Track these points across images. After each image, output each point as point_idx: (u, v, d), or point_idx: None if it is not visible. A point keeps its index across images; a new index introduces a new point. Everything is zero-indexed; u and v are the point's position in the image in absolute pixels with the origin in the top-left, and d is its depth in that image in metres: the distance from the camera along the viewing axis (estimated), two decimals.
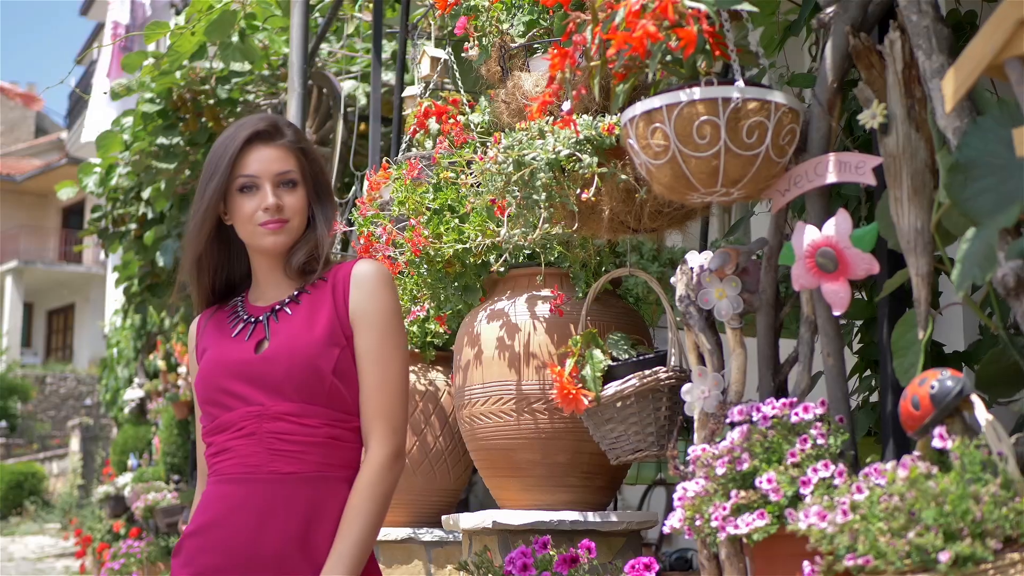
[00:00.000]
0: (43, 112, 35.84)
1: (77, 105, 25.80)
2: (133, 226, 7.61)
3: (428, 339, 3.88)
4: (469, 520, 2.98)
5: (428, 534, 3.80)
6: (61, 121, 33.15)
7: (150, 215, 7.42)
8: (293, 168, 2.17)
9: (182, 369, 10.47)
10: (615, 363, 2.61)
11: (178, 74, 5.93)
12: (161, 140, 6.35)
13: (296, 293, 2.19)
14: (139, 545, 9.17)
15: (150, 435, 11.84)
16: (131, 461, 11.38)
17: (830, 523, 1.75)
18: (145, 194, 7.03)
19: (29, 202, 30.96)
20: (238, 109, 6.32)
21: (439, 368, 3.91)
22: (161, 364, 11.04)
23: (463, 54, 3.13)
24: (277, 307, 2.18)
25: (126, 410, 12.20)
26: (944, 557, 1.62)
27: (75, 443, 19.26)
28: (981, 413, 1.77)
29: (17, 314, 28.56)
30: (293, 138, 2.18)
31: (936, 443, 1.72)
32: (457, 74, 3.80)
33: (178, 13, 12.46)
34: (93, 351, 26.66)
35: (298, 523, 2.05)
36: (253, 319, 2.18)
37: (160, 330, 10.83)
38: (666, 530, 2.11)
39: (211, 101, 6.21)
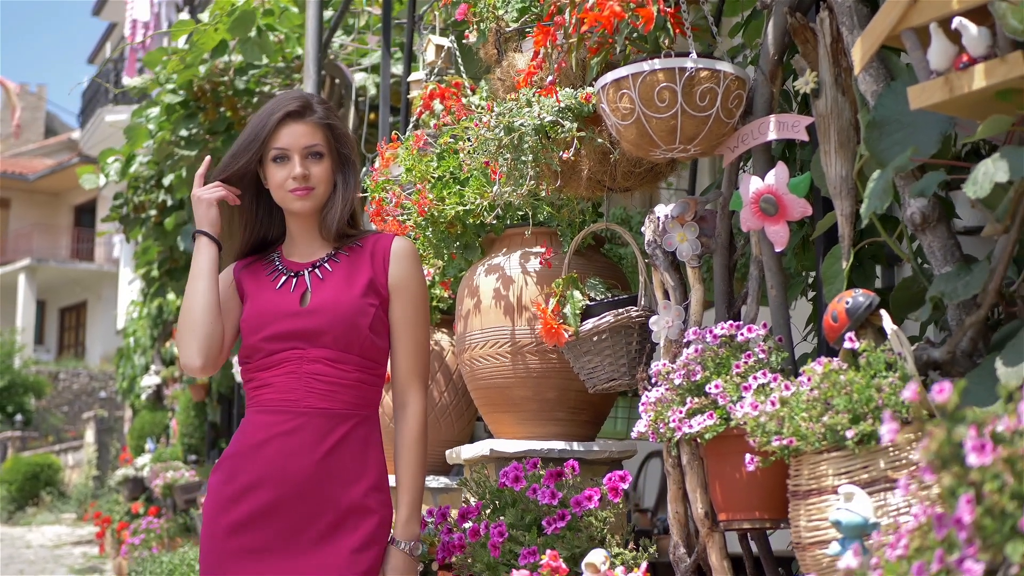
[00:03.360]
0: (52, 112, 36.32)
1: (90, 104, 26.18)
2: (153, 213, 8.01)
3: (434, 303, 4.25)
4: (470, 450, 3.36)
5: (434, 481, 4.16)
6: (72, 121, 33.58)
7: (170, 202, 7.82)
8: (320, 142, 2.51)
9: None
10: (592, 303, 3.00)
11: (202, 69, 6.33)
12: (182, 130, 6.75)
13: (333, 252, 2.55)
14: (158, 522, 9.52)
15: (166, 420, 12.22)
16: (148, 444, 11.77)
17: (761, 412, 2.13)
18: (166, 181, 7.42)
19: (41, 201, 31.39)
20: (255, 100, 6.71)
21: (444, 330, 4.27)
22: (177, 351, 11.42)
23: (464, 40, 3.51)
24: (317, 263, 2.53)
25: (143, 396, 12.60)
26: (850, 434, 1.99)
27: (90, 435, 19.56)
28: (888, 324, 2.14)
29: (30, 311, 28.91)
30: (322, 115, 2.52)
31: (847, 344, 2.10)
32: (460, 60, 4.18)
33: (190, 12, 12.84)
34: (105, 348, 27.01)
35: (324, 451, 2.43)
36: (294, 272, 2.53)
37: (176, 318, 11.21)
38: (634, 435, 2.49)
39: (230, 92, 6.61)
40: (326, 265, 2.53)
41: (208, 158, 2.51)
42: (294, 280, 2.52)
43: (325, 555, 2.39)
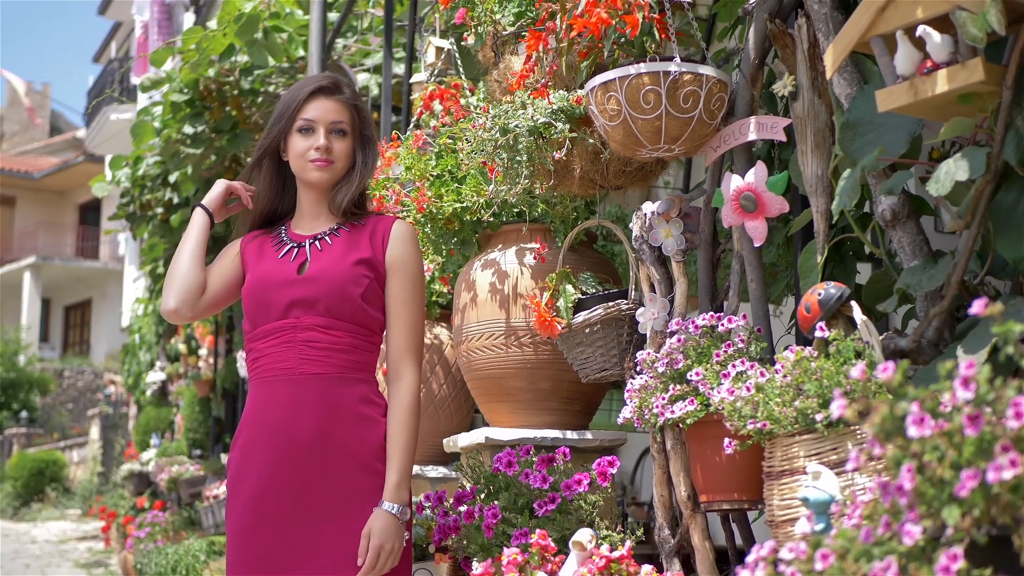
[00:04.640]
0: (57, 111, 36.46)
1: (96, 103, 26.27)
2: (159, 210, 8.15)
3: (433, 298, 4.37)
4: (466, 438, 3.49)
5: (433, 471, 4.29)
6: (77, 119, 33.71)
7: (176, 200, 7.96)
8: (345, 120, 2.66)
9: (202, 351, 11.00)
10: (584, 296, 3.12)
11: (211, 72, 6.46)
12: (188, 128, 6.88)
13: (336, 227, 2.68)
14: (164, 516, 9.63)
15: (171, 415, 12.36)
16: (153, 440, 11.91)
17: (737, 398, 2.25)
18: (172, 179, 7.55)
19: (46, 199, 31.51)
20: (259, 99, 6.84)
21: (443, 324, 4.39)
22: (182, 348, 11.56)
23: (462, 43, 3.64)
24: (320, 235, 2.66)
25: (148, 392, 12.74)
26: (819, 417, 2.11)
27: (95, 431, 19.63)
28: (858, 315, 2.26)
29: (35, 309, 28.98)
30: (349, 96, 2.68)
31: (818, 333, 2.22)
32: (459, 62, 4.30)
33: (196, 12, 12.98)
34: (110, 345, 27.12)
35: (326, 414, 2.54)
36: (296, 243, 2.66)
37: None
38: (620, 421, 2.61)
39: (235, 92, 6.74)
40: (327, 238, 2.65)
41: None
42: (295, 250, 2.65)
43: (345, 520, 2.49)
